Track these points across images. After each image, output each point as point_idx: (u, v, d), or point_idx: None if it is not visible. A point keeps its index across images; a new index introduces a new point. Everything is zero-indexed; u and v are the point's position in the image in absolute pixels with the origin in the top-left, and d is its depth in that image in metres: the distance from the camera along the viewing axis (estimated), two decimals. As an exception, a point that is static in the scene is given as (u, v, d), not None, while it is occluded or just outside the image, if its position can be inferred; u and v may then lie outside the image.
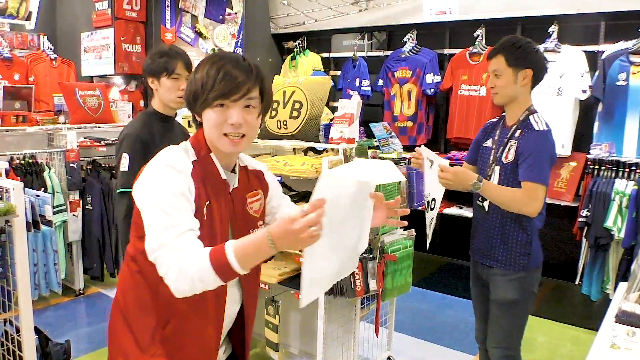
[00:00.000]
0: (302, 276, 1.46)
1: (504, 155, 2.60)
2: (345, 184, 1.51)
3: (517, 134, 2.58)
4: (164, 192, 1.52)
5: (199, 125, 1.68)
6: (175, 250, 1.45)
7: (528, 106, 2.62)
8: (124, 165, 2.62)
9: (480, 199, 2.70)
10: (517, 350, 2.71)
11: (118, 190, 2.63)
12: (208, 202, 1.61)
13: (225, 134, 1.60)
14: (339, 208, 1.47)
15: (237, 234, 1.69)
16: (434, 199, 2.76)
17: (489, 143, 2.75)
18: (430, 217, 2.84)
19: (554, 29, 4.76)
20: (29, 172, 4.42)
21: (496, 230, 2.66)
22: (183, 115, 4.24)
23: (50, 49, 6.04)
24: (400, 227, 3.21)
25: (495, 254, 2.66)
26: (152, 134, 2.70)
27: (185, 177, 1.56)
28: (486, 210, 2.68)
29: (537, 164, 2.48)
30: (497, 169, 2.62)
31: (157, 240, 1.48)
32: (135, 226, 1.63)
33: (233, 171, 1.74)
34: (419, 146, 2.81)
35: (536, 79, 2.60)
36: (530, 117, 2.58)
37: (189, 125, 4.17)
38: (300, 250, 1.44)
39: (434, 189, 2.73)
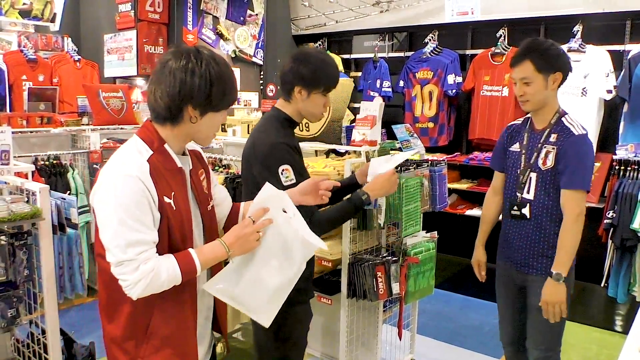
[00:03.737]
0: (225, 270, 1.76)
1: (540, 161, 2.54)
2: (284, 203, 1.78)
3: (552, 139, 2.53)
4: (126, 205, 1.56)
5: (174, 120, 1.68)
6: (146, 263, 1.57)
7: (557, 108, 2.58)
8: (290, 178, 2.24)
9: (515, 207, 2.66)
10: (557, 351, 2.70)
11: None
12: (173, 192, 1.68)
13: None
14: (279, 229, 1.75)
15: (205, 215, 1.84)
16: None
17: (516, 147, 2.69)
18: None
19: (578, 28, 4.70)
20: (53, 173, 4.47)
21: (536, 238, 2.62)
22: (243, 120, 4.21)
23: (74, 50, 6.11)
24: (423, 229, 3.21)
25: (535, 262, 2.62)
26: (294, 141, 2.39)
27: (145, 183, 1.59)
28: (528, 217, 2.62)
29: (581, 170, 2.45)
30: (533, 175, 2.58)
31: (124, 255, 1.56)
32: None
33: (184, 154, 1.81)
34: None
35: (563, 81, 2.55)
36: (564, 120, 2.54)
37: (224, 130, 4.16)
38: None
39: None
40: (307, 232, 1.79)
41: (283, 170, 2.24)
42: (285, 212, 1.78)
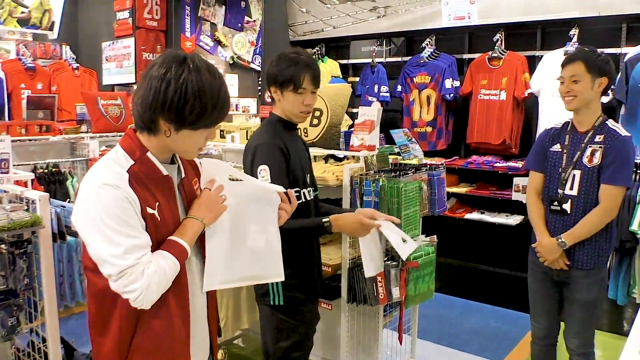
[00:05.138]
0: (206, 261, 1.73)
1: (585, 159, 2.75)
2: (228, 170, 1.80)
3: (597, 139, 2.74)
4: (112, 213, 1.49)
5: (150, 130, 1.61)
6: (149, 266, 1.51)
7: (600, 113, 2.79)
8: (265, 178, 2.30)
9: (556, 202, 2.83)
10: (594, 337, 2.92)
11: None
12: (158, 202, 1.61)
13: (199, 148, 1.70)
14: (238, 196, 1.77)
15: None
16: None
17: (557, 148, 2.88)
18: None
19: (574, 32, 4.72)
20: (52, 182, 4.47)
21: None
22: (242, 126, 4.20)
23: (73, 58, 6.11)
24: (422, 233, 3.21)
25: (577, 254, 2.80)
26: (285, 143, 2.42)
27: (125, 191, 1.52)
28: (568, 212, 2.80)
29: (625, 168, 2.70)
30: (577, 172, 2.77)
31: (126, 262, 1.48)
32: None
33: (172, 162, 1.74)
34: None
35: (607, 87, 2.75)
36: (609, 123, 2.78)
37: (222, 136, 4.15)
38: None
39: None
40: (261, 183, 1.86)
41: (261, 170, 2.32)
42: (232, 179, 1.79)
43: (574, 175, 2.78)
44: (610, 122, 2.79)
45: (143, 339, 1.62)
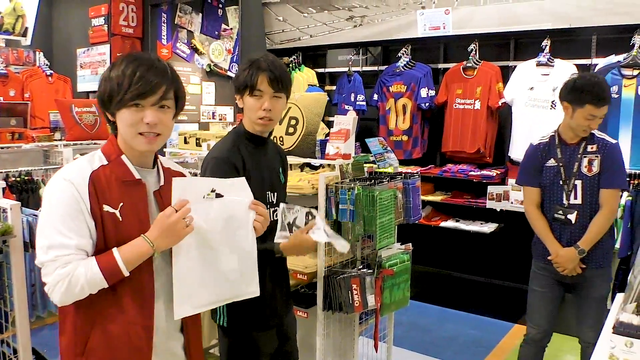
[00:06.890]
0: (174, 287, 1.67)
1: (584, 169, 2.96)
2: (202, 188, 1.73)
3: (591, 149, 2.97)
4: (55, 208, 1.58)
5: (115, 127, 1.72)
6: (65, 266, 1.54)
7: None
8: None
9: (560, 212, 3.00)
10: None
11: None
12: (122, 203, 1.64)
13: (141, 133, 1.66)
14: (208, 216, 1.71)
15: None
16: None
17: (552, 162, 3.05)
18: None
19: (546, 43, 4.80)
20: (25, 190, 4.41)
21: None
22: (180, 132, 4.22)
23: (46, 65, 6.05)
24: (397, 241, 3.23)
25: (590, 255, 2.99)
26: (242, 156, 2.31)
27: (78, 189, 1.58)
28: (573, 222, 2.99)
29: (621, 172, 2.95)
30: (578, 182, 2.98)
31: (45, 257, 1.55)
32: None
33: (156, 169, 1.80)
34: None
35: None
36: (595, 133, 3.00)
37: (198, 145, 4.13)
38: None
39: None
40: (232, 194, 1.80)
41: None
42: (210, 193, 1.75)
43: (575, 185, 2.98)
44: (597, 132, 3.00)
45: (98, 341, 1.63)
